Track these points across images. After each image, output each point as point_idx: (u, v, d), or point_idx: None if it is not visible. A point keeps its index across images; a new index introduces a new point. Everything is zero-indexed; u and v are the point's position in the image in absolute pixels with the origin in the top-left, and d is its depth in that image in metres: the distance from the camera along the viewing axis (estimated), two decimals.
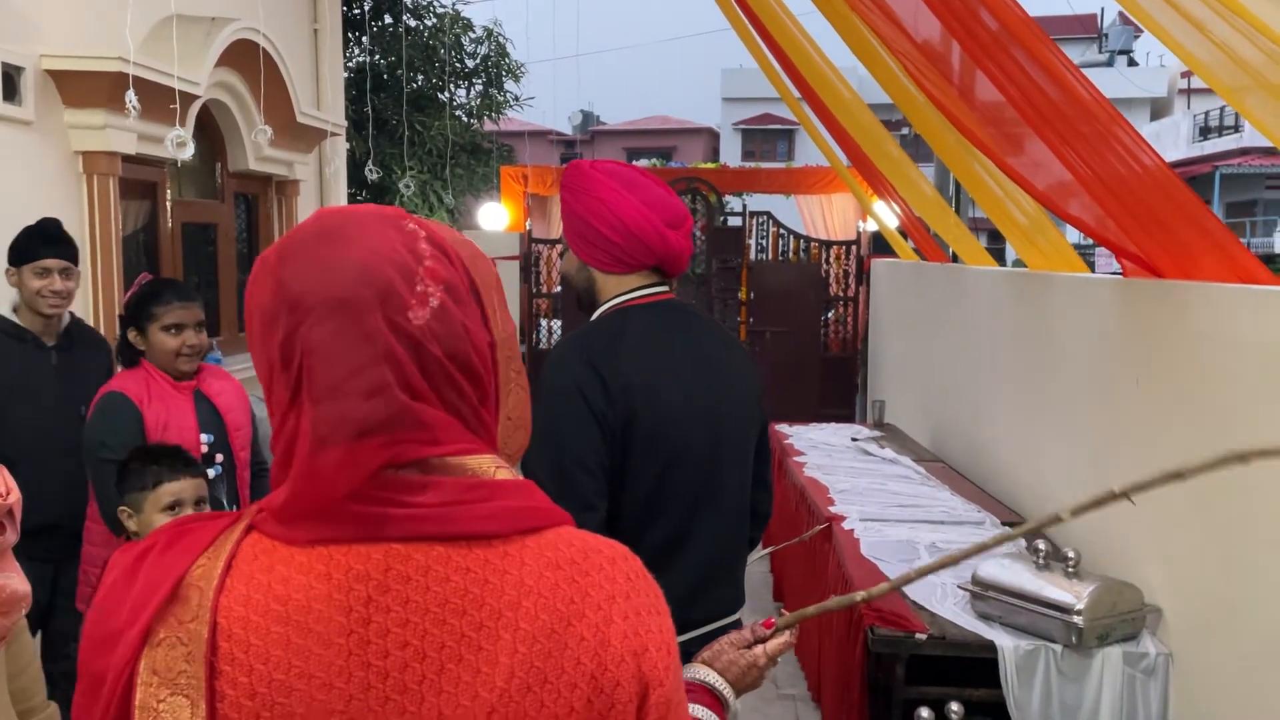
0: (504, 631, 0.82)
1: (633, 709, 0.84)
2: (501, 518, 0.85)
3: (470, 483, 0.85)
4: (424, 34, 10.25)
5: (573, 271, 2.05)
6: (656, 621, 0.88)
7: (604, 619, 0.84)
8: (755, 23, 5.96)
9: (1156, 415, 2.94)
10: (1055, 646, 2.79)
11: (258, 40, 5.04)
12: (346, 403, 0.80)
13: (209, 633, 0.80)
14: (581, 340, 1.96)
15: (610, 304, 2.01)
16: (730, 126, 34.21)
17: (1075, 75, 2.71)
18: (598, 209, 1.96)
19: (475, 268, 0.90)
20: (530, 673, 0.81)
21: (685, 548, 1.95)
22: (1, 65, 3.75)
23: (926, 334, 6.44)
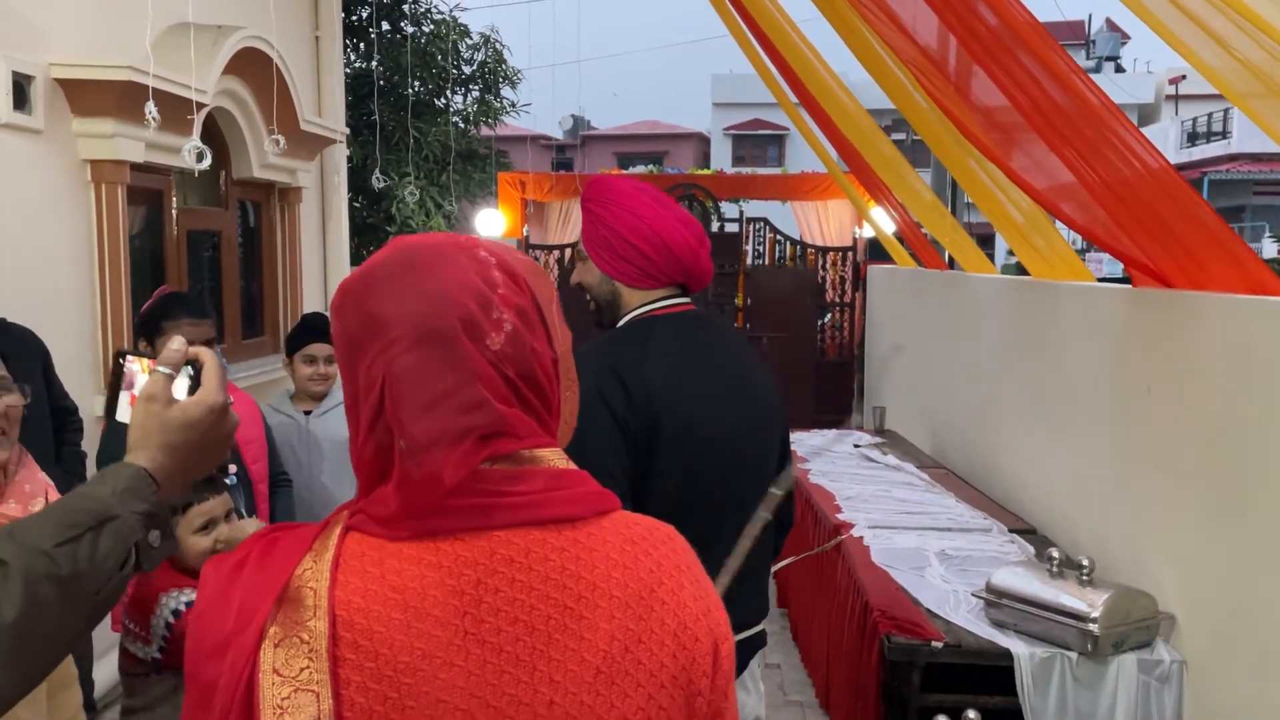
0: (600, 601, 0.92)
1: (709, 660, 0.96)
2: (583, 502, 0.97)
3: (554, 472, 0.96)
4: (421, 40, 10.26)
5: (594, 283, 2.06)
6: (711, 586, 1.02)
7: (677, 584, 0.97)
8: (753, 28, 5.99)
9: (1170, 423, 2.97)
10: (1070, 654, 2.81)
11: (263, 48, 5.04)
12: (446, 418, 0.89)
13: (329, 626, 0.85)
14: (606, 347, 1.97)
15: (634, 315, 2.03)
16: (720, 132, 34.28)
17: (1082, 79, 2.74)
18: (633, 223, 1.99)
19: (538, 287, 1.00)
20: (627, 634, 0.92)
21: (710, 556, 1.96)
22: (11, 74, 3.74)
23: (926, 340, 6.47)
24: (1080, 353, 3.68)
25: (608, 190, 2.06)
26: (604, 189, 2.06)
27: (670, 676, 0.93)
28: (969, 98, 3.31)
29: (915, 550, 3.70)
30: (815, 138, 7.37)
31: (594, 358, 1.94)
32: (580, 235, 2.09)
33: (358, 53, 10.08)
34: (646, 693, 0.92)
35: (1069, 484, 3.78)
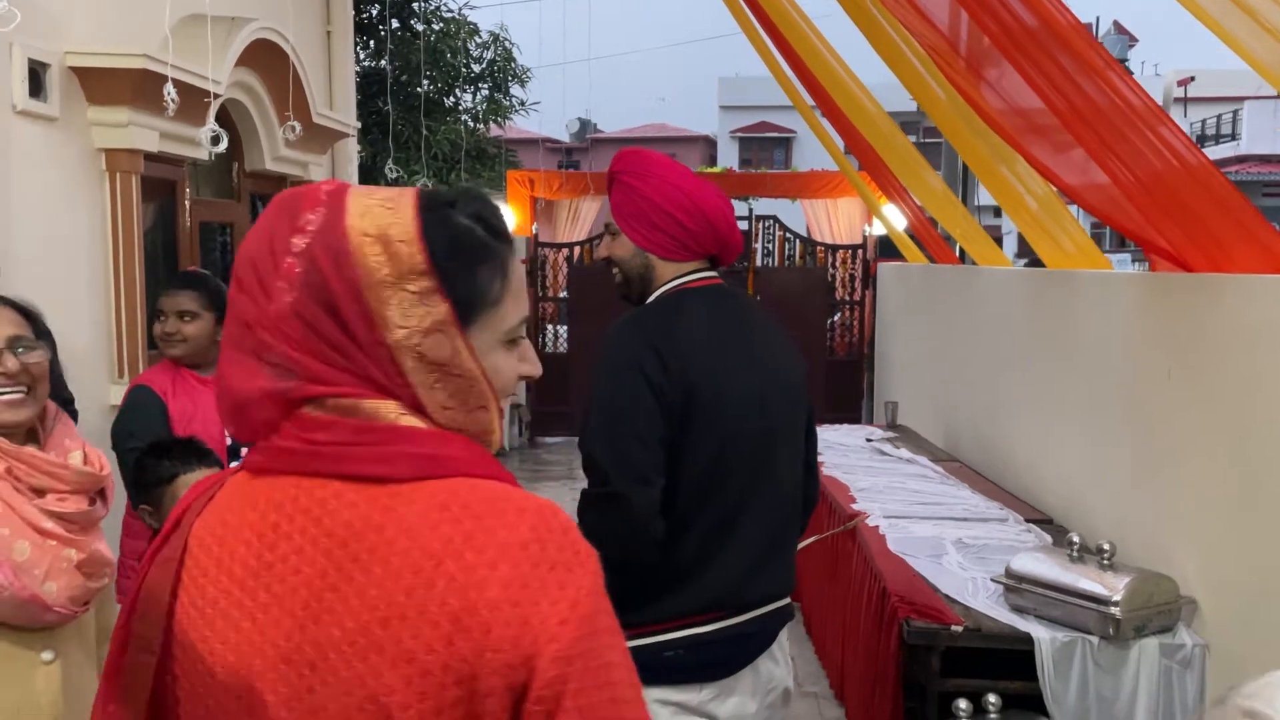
0: (375, 566, 0.86)
1: (505, 658, 0.83)
2: (396, 462, 0.90)
3: (362, 425, 0.90)
4: (431, 38, 10.27)
5: (626, 257, 2.06)
6: (562, 577, 0.86)
7: (486, 562, 0.85)
8: (766, 25, 5.99)
9: (1191, 407, 2.95)
10: (1092, 638, 2.79)
11: (277, 40, 5.05)
12: (245, 357, 0.93)
13: (180, 552, 0.95)
14: (641, 319, 1.99)
15: (667, 288, 2.05)
16: (727, 134, 34.30)
17: (1116, 70, 2.72)
18: (675, 195, 2.00)
19: (343, 274, 0.90)
20: (390, 607, 0.85)
21: (740, 526, 1.97)
22: (28, 61, 3.75)
23: (938, 336, 6.45)
24: (1097, 340, 3.67)
25: (646, 162, 2.06)
26: (641, 160, 2.07)
27: (440, 664, 0.83)
28: (989, 82, 3.29)
29: (932, 539, 3.68)
30: (826, 135, 7.37)
31: (630, 330, 1.98)
32: (610, 209, 2.09)
33: (367, 50, 10.10)
34: (403, 675, 0.83)
35: (1087, 472, 3.76)
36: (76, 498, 1.72)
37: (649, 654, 1.93)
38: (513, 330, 0.99)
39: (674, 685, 1.95)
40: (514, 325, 0.99)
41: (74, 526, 1.71)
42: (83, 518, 1.72)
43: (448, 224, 0.94)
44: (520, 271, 1.00)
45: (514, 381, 1.00)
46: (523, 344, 1.01)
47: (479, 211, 0.97)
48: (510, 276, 0.98)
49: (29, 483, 1.68)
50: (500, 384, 0.98)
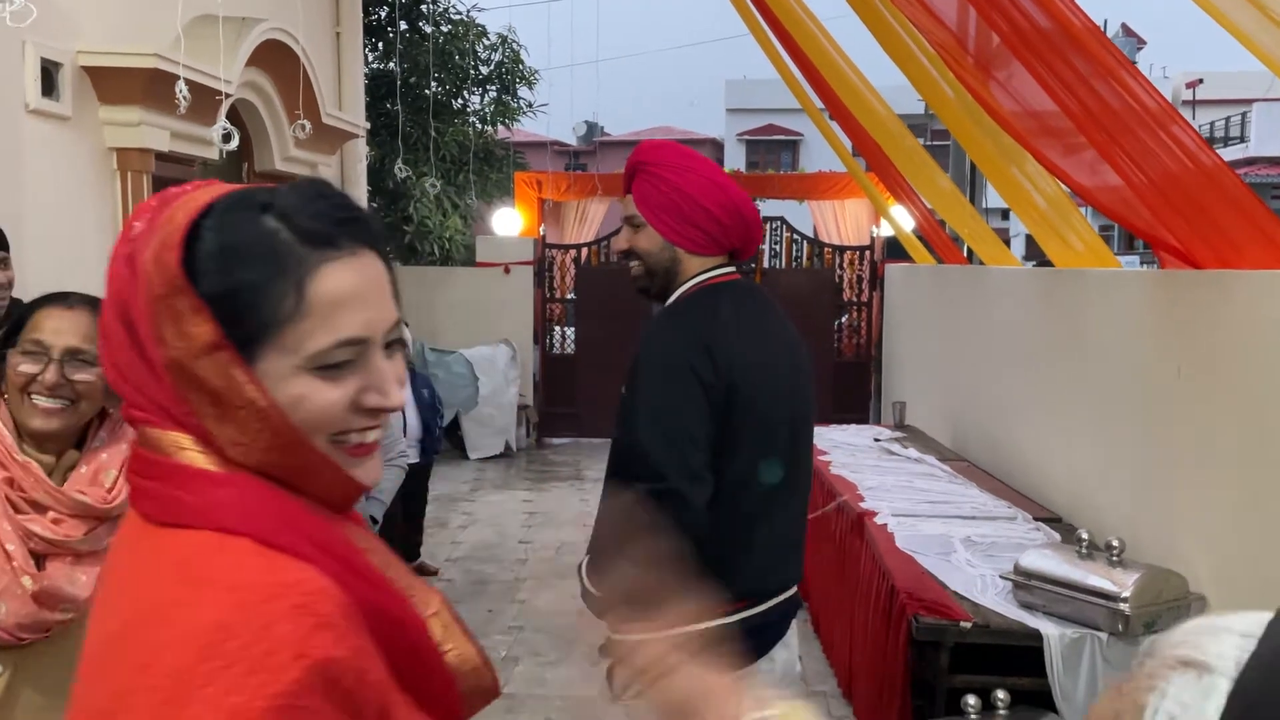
0: (92, 625, 0.82)
1: None
2: (154, 501, 0.82)
3: (151, 458, 0.83)
4: (440, 40, 10.30)
5: (653, 249, 2.05)
6: (234, 680, 0.70)
7: (161, 642, 0.73)
8: (775, 27, 6.00)
9: (1200, 403, 2.95)
10: (1101, 634, 2.79)
11: (287, 41, 5.07)
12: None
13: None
14: (684, 317, 2.02)
15: (693, 282, 2.06)
16: (734, 137, 34.30)
17: (1129, 70, 2.73)
18: (710, 190, 2.02)
19: (135, 286, 0.83)
20: (92, 663, 0.80)
21: (772, 516, 2.04)
22: (40, 61, 3.78)
23: (946, 336, 6.45)
24: (1106, 338, 3.66)
25: (683, 155, 2.06)
26: (677, 154, 2.06)
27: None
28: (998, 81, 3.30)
29: (940, 537, 3.68)
30: (834, 135, 7.37)
31: (677, 329, 2.01)
32: (634, 201, 2.05)
33: (376, 52, 10.14)
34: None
35: (1096, 470, 3.76)
36: (74, 522, 1.66)
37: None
38: (325, 354, 0.82)
39: None
40: (326, 348, 0.82)
41: (61, 551, 1.65)
42: (73, 545, 1.65)
43: (230, 229, 0.82)
44: (345, 277, 0.83)
45: (341, 415, 0.84)
46: (367, 367, 0.85)
47: (292, 210, 0.83)
48: (314, 286, 0.81)
49: (31, 496, 1.63)
50: (310, 418, 0.83)
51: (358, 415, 0.85)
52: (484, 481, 8.15)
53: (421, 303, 9.04)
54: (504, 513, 7.16)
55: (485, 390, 8.83)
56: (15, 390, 1.64)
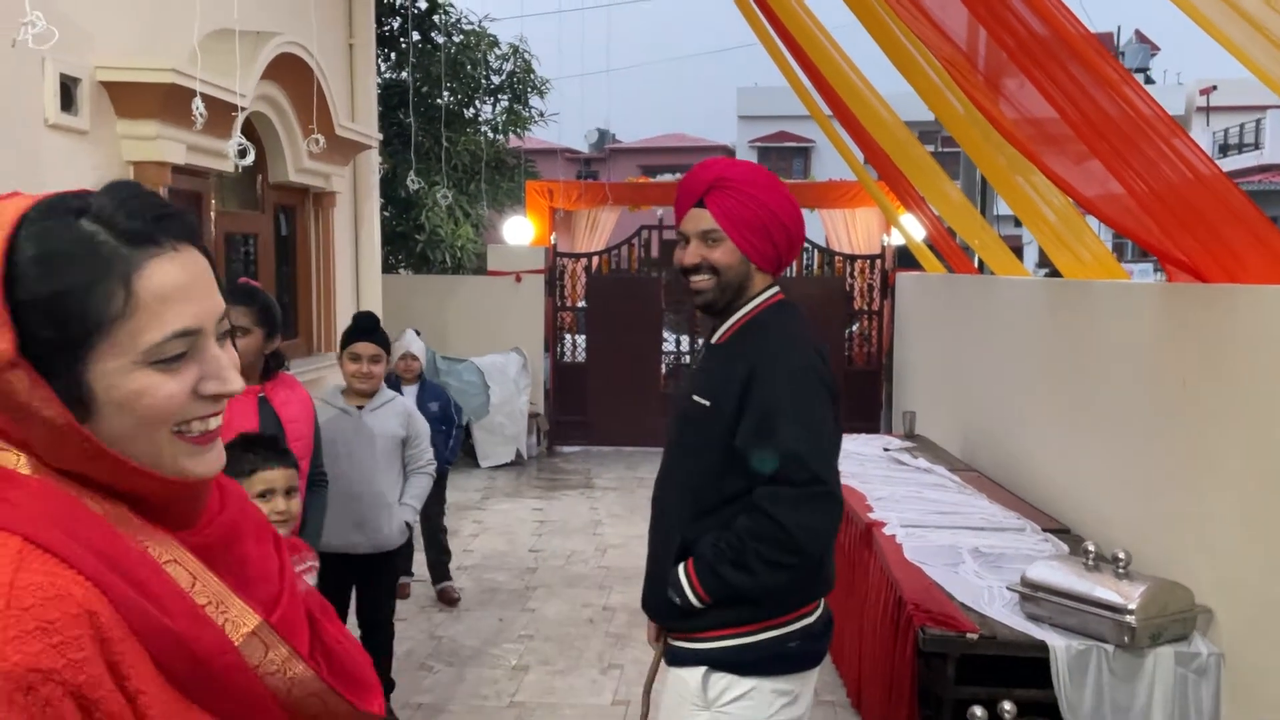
0: None
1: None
2: None
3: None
4: (451, 51, 10.37)
5: (734, 264, 2.11)
6: None
7: None
8: (784, 36, 6.04)
9: (1205, 416, 2.96)
10: (1107, 647, 2.80)
11: (301, 54, 5.13)
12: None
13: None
14: (794, 328, 2.14)
15: (764, 297, 2.17)
16: (746, 144, 34.34)
17: (1130, 83, 2.75)
18: (792, 210, 2.14)
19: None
20: None
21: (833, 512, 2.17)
22: (59, 76, 3.83)
23: (957, 346, 6.45)
24: (1114, 350, 3.68)
25: (768, 174, 2.14)
26: (761, 172, 2.14)
27: None
28: (1005, 95, 3.32)
29: (948, 548, 3.70)
30: (845, 145, 7.40)
31: (798, 340, 2.10)
32: (714, 215, 2.09)
33: (388, 63, 10.21)
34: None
35: (1103, 482, 3.77)
36: None
37: (775, 645, 2.11)
38: (159, 348, 0.85)
39: (790, 675, 2.14)
40: (159, 342, 0.85)
41: None
42: None
43: (49, 236, 0.82)
44: (170, 271, 0.86)
45: (182, 404, 0.87)
46: (202, 357, 0.88)
47: (109, 212, 0.85)
48: (140, 283, 0.84)
49: None
50: (152, 411, 0.85)
51: (199, 403, 0.88)
52: (495, 490, 8.19)
53: (433, 311, 9.09)
54: (514, 521, 7.19)
55: (496, 398, 8.88)
56: None
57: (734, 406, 2.05)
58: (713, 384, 2.11)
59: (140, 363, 0.85)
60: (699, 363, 2.28)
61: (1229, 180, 2.84)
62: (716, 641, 2.12)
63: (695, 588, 2.08)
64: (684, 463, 2.17)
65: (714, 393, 2.09)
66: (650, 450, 9.42)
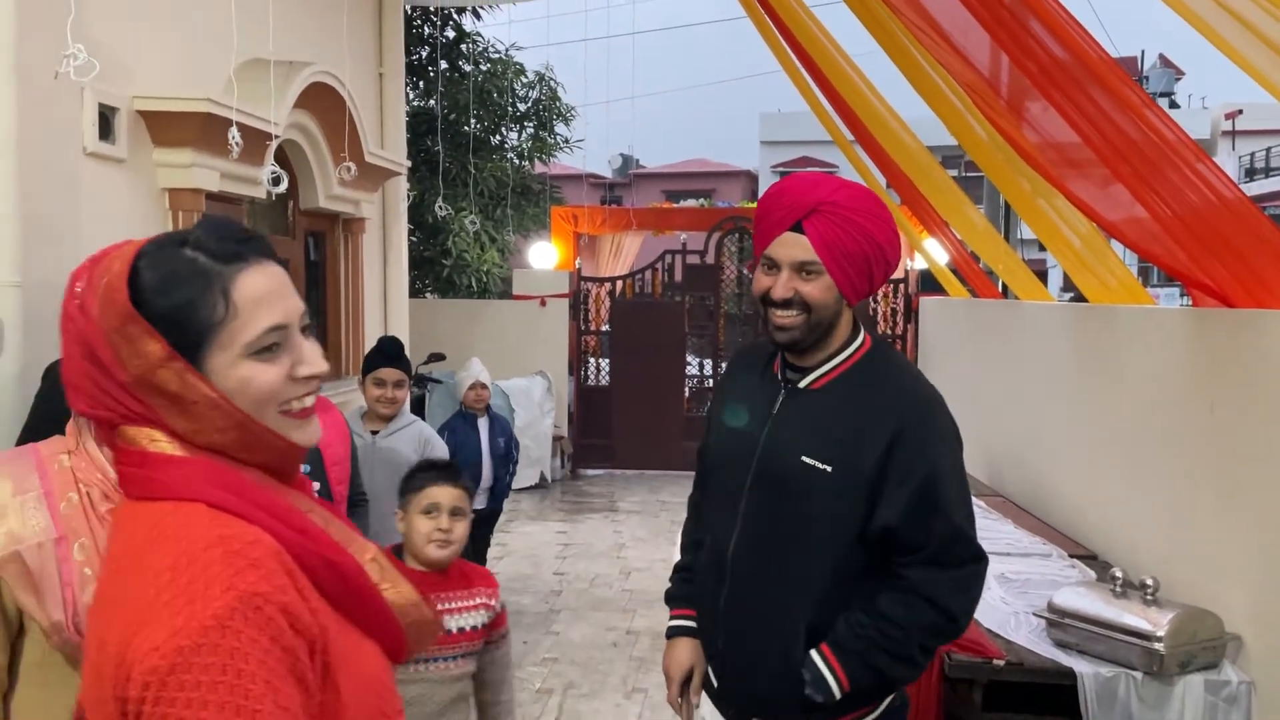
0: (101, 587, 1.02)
1: (116, 674, 0.91)
2: (133, 484, 1.04)
3: (130, 450, 1.05)
4: (479, 79, 10.51)
5: (829, 301, 1.83)
6: (179, 608, 0.91)
7: (133, 585, 0.95)
8: (807, 63, 6.09)
9: (1234, 442, 2.95)
10: (1135, 674, 2.78)
11: (332, 83, 5.22)
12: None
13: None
14: (922, 379, 1.93)
15: (860, 340, 1.92)
16: (769, 169, 34.43)
17: (1153, 109, 2.76)
18: (898, 249, 1.87)
19: (90, 325, 1.05)
20: (93, 629, 0.99)
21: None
22: (98, 106, 3.93)
23: (981, 370, 6.44)
24: (1140, 375, 3.67)
25: (874, 200, 1.84)
26: (867, 196, 1.84)
27: (102, 670, 0.93)
28: (1028, 120, 3.34)
29: None
30: (867, 169, 7.43)
31: (934, 393, 1.87)
32: (813, 244, 1.81)
33: (417, 91, 10.36)
34: (95, 696, 0.94)
35: (1131, 507, 3.75)
36: None
37: (902, 709, 2.00)
38: (257, 341, 1.04)
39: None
40: (256, 336, 1.04)
41: None
42: None
43: (162, 264, 1.03)
44: (258, 280, 1.05)
45: (281, 387, 1.05)
46: (292, 346, 1.07)
47: (203, 239, 1.05)
48: (236, 292, 1.03)
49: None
50: (258, 394, 1.04)
51: (294, 385, 1.07)
52: (519, 512, 8.21)
53: (459, 334, 9.16)
54: (538, 544, 7.21)
55: (521, 421, 8.91)
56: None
57: (871, 472, 1.78)
58: (828, 443, 1.82)
59: (243, 355, 1.03)
60: (778, 411, 1.92)
61: (1254, 205, 2.85)
62: (864, 718, 1.91)
63: (840, 680, 1.82)
64: (800, 534, 1.85)
65: (833, 455, 1.81)
66: (674, 474, 9.42)
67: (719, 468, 2.03)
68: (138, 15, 4.18)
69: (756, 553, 1.91)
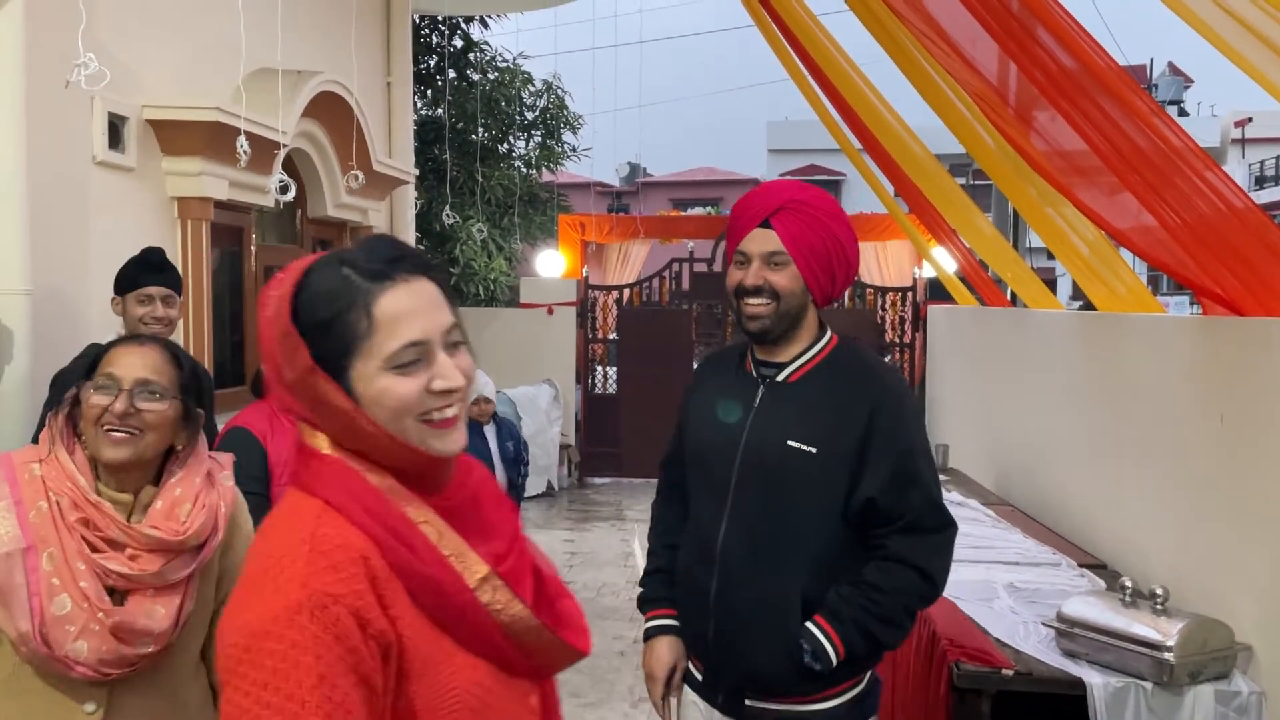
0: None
1: (218, 657, 1.02)
2: (294, 471, 1.15)
3: (299, 439, 1.16)
4: (486, 87, 10.55)
5: (795, 291, 2.01)
6: (259, 594, 1.02)
7: (247, 565, 1.09)
8: (814, 71, 6.09)
9: (1244, 451, 2.94)
10: (1145, 684, 2.76)
11: (340, 92, 5.24)
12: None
13: None
14: (888, 366, 2.17)
15: (828, 335, 2.10)
16: (776, 177, 34.45)
17: (1161, 116, 2.76)
18: (856, 251, 2.05)
19: (268, 332, 1.15)
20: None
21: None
22: (108, 115, 3.95)
23: (990, 379, 6.42)
24: (1149, 383, 3.65)
25: (835, 203, 2.05)
26: (830, 200, 2.04)
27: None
28: (1036, 129, 3.34)
29: (983, 582, 3.66)
30: (875, 177, 7.42)
31: (900, 376, 2.14)
32: (781, 237, 1.99)
33: (424, 100, 10.39)
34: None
35: (1140, 517, 3.73)
36: (149, 557, 1.70)
37: (875, 681, 2.13)
38: (395, 356, 1.10)
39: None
40: (395, 351, 1.10)
41: (142, 586, 1.70)
42: (152, 579, 1.70)
43: (320, 281, 1.11)
44: (400, 298, 1.11)
45: (417, 399, 1.11)
46: (432, 361, 1.12)
47: (358, 257, 1.13)
48: (377, 308, 1.10)
49: (107, 535, 1.68)
50: (396, 405, 1.10)
51: (432, 397, 1.12)
52: (526, 521, 8.21)
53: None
54: (546, 552, 7.15)
55: (528, 430, 8.91)
56: (90, 425, 1.70)
57: (852, 450, 1.96)
58: (812, 427, 1.97)
59: (384, 368, 1.10)
60: (759, 403, 2.07)
61: (1264, 213, 2.84)
62: (848, 693, 2.04)
63: (837, 648, 1.95)
64: (788, 514, 2.00)
65: (817, 437, 1.97)
66: None
67: (700, 465, 2.15)
68: (146, 25, 4.21)
69: (747, 540, 2.03)
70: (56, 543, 1.65)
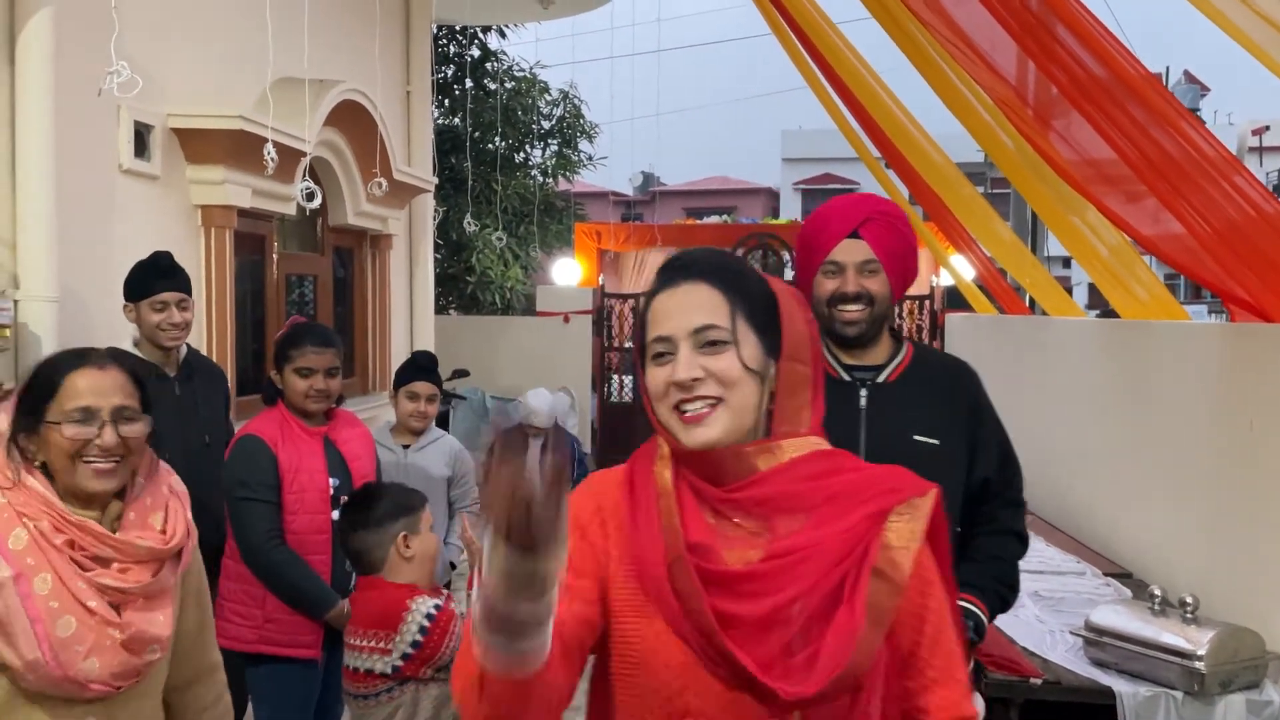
0: None
1: None
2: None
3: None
4: (504, 97, 10.60)
5: (886, 296, 2.14)
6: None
7: None
8: (832, 79, 6.09)
9: (1274, 458, 2.91)
10: (1175, 693, 2.73)
11: (362, 101, 5.27)
12: None
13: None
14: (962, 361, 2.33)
15: (906, 347, 2.23)
16: (790, 186, 34.44)
17: (1189, 120, 2.74)
18: (918, 255, 2.25)
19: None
20: None
21: None
22: (134, 124, 3.98)
23: (1009, 387, 6.38)
24: (1176, 391, 3.62)
25: (909, 219, 2.21)
26: (905, 213, 2.20)
27: None
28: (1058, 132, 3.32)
29: None
30: (891, 184, 7.42)
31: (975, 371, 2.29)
32: (873, 247, 2.11)
33: (443, 109, 10.44)
34: None
35: (1167, 525, 3.70)
36: (140, 568, 1.69)
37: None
38: (649, 348, 1.29)
39: None
40: (649, 343, 1.29)
41: (134, 597, 1.69)
42: (144, 589, 1.69)
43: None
44: (665, 299, 1.29)
45: (662, 388, 1.27)
46: (674, 356, 1.26)
47: (661, 269, 1.33)
48: (650, 309, 1.30)
49: (93, 552, 1.66)
50: (653, 390, 1.28)
51: (675, 389, 1.25)
52: None
53: (483, 351, 9.20)
54: None
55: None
56: (65, 457, 1.66)
57: (967, 437, 2.16)
58: (929, 420, 2.12)
59: (650, 357, 1.29)
60: (866, 405, 2.15)
61: None
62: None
63: (986, 617, 2.16)
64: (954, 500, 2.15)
65: (937, 429, 2.12)
66: None
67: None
68: (172, 34, 4.24)
69: None
70: (49, 567, 1.62)
